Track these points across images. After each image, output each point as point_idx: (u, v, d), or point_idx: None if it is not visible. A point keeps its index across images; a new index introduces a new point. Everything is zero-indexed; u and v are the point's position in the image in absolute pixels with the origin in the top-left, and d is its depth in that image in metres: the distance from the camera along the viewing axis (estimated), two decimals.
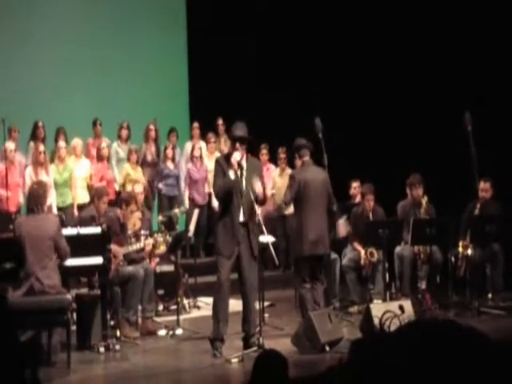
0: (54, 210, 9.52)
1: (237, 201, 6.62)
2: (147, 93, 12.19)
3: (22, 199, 9.34)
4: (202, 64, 12.46)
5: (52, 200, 9.49)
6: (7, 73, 11.18)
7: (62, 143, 9.93)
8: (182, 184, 10.86)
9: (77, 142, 10.04)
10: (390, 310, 6.73)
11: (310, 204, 7.35)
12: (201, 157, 10.76)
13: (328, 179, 7.53)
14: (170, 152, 10.62)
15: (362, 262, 8.56)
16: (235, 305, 6.98)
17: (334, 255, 8.42)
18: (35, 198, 6.49)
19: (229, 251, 6.61)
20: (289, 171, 10.61)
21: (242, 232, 6.61)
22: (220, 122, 11.09)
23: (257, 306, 7.04)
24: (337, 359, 6.03)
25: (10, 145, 9.45)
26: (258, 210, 7.03)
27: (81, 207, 9.64)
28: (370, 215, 8.76)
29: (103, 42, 12.10)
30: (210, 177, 9.29)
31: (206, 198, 10.78)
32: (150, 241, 7.81)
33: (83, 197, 9.91)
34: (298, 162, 8.09)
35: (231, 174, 6.62)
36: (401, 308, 6.90)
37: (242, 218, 6.62)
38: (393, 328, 6.52)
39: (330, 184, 7.55)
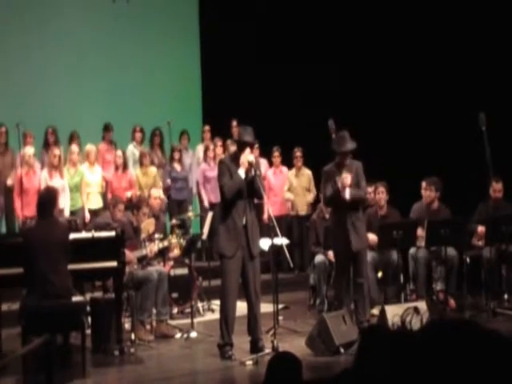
0: (67, 214, 9.57)
1: (242, 202, 6.62)
2: (160, 96, 12.25)
3: None
4: (214, 67, 12.49)
5: (66, 204, 9.53)
6: (22, 78, 11.25)
7: (74, 147, 9.96)
8: (194, 187, 10.86)
9: (91, 148, 10.06)
10: (410, 308, 6.72)
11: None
12: (214, 157, 10.77)
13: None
14: (177, 154, 10.58)
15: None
16: (242, 307, 6.96)
17: None
18: (44, 201, 6.51)
19: (231, 252, 6.59)
20: (306, 171, 10.63)
21: (244, 235, 6.61)
22: (234, 123, 11.09)
23: (269, 308, 7.04)
24: (351, 361, 6.07)
25: (29, 150, 9.50)
26: (270, 210, 7.04)
27: (94, 212, 9.67)
28: (384, 209, 8.72)
29: (117, 46, 12.17)
30: None
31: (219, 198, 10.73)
32: (165, 243, 7.82)
33: (97, 202, 9.93)
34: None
35: (241, 173, 6.62)
36: (416, 309, 6.87)
37: (244, 221, 6.61)
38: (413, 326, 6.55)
39: None
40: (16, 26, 11.29)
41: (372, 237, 8.32)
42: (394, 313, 6.85)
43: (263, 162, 10.77)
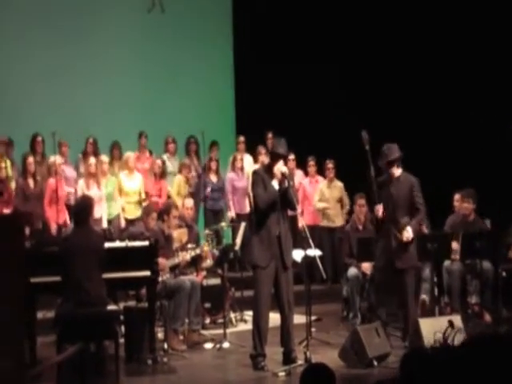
0: (105, 223, 9.64)
1: (276, 214, 6.62)
2: (193, 106, 12.30)
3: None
4: (248, 77, 12.53)
5: (103, 213, 9.61)
6: (59, 87, 11.39)
7: (104, 158, 10.05)
8: (228, 197, 10.90)
9: (128, 155, 10.13)
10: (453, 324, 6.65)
11: None
12: (242, 168, 10.79)
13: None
14: (213, 164, 10.60)
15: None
16: (274, 319, 6.94)
17: None
18: (81, 210, 6.57)
19: (265, 262, 6.59)
20: (337, 183, 10.60)
21: (277, 245, 6.60)
22: (269, 135, 11.09)
23: (301, 319, 7.02)
24: (384, 374, 6.03)
25: (58, 159, 9.59)
26: (303, 221, 7.02)
27: (130, 221, 9.73)
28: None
29: (151, 56, 12.26)
30: None
31: (246, 209, 10.74)
32: (197, 251, 7.86)
33: (135, 211, 9.91)
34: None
35: (275, 185, 6.62)
36: (450, 323, 6.79)
37: (277, 232, 6.61)
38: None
39: None
40: (54, 38, 11.42)
41: (367, 266, 8.30)
42: (428, 326, 6.77)
43: (298, 174, 10.79)
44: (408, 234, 7.16)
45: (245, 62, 12.68)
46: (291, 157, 10.11)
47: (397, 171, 7.40)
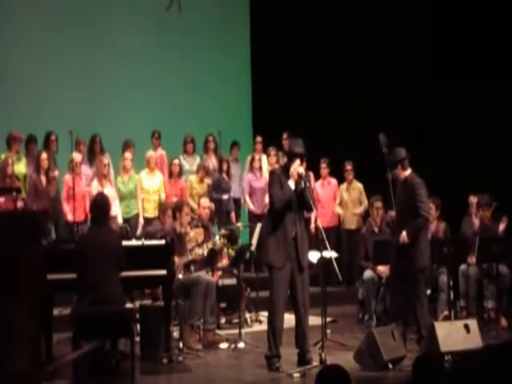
0: (120, 221, 9.68)
1: (292, 214, 6.61)
2: (211, 106, 12.32)
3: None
4: (265, 77, 12.54)
5: (117, 211, 9.64)
6: (75, 86, 11.46)
7: (127, 154, 10.09)
8: (245, 197, 10.89)
9: (150, 154, 10.17)
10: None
11: None
12: (260, 168, 10.78)
13: None
14: (224, 165, 10.55)
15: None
16: (290, 320, 6.94)
17: None
18: (99, 208, 6.57)
19: (281, 263, 6.58)
20: (357, 184, 10.57)
21: (293, 247, 6.59)
22: (285, 136, 11.09)
23: (317, 321, 7.01)
24: (399, 377, 6.01)
25: (77, 156, 9.64)
26: (319, 222, 7.01)
27: (148, 220, 9.76)
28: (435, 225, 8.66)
29: (168, 56, 12.30)
30: None
31: (264, 209, 10.73)
32: (209, 245, 7.88)
33: (153, 210, 9.89)
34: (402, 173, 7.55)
35: (291, 185, 6.62)
36: (466, 327, 6.76)
37: (293, 233, 6.60)
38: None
39: None
40: (68, 36, 11.51)
41: (383, 269, 8.27)
42: (443, 330, 6.74)
43: (332, 180, 10.78)
44: (402, 237, 7.15)
45: (263, 62, 12.69)
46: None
47: (403, 173, 7.38)
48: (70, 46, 11.49)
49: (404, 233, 7.20)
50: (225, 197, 10.52)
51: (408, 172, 7.42)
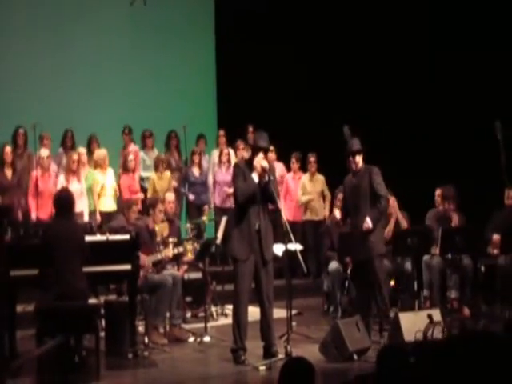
0: (86, 217, 9.59)
1: (256, 207, 6.63)
2: (175, 101, 12.29)
3: None
4: (229, 71, 12.52)
5: (84, 207, 9.56)
6: (40, 80, 11.38)
7: (81, 150, 9.98)
8: (210, 191, 10.88)
9: (101, 152, 10.00)
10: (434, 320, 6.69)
11: None
12: (228, 162, 10.76)
13: None
14: (196, 158, 10.57)
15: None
16: (255, 312, 6.96)
17: None
18: (62, 202, 6.53)
19: (244, 255, 6.59)
20: (319, 176, 10.61)
21: (257, 239, 6.61)
22: (250, 129, 11.10)
23: (282, 313, 7.04)
24: (364, 368, 6.07)
25: (44, 152, 9.53)
26: (284, 215, 7.02)
27: (107, 215, 9.70)
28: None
29: (132, 51, 12.27)
30: None
31: (230, 203, 10.72)
32: (180, 249, 7.85)
33: (110, 205, 9.90)
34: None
35: (255, 178, 6.64)
36: (430, 317, 6.84)
37: (257, 226, 6.62)
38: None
39: None
40: (33, 28, 11.43)
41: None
42: (407, 320, 6.81)
43: (279, 166, 10.76)
44: (367, 224, 7.19)
45: (227, 56, 12.67)
46: (271, 150, 10.10)
47: (358, 163, 7.41)
48: (32, 38, 11.45)
49: (368, 219, 7.20)
50: (196, 190, 10.52)
51: (362, 162, 7.45)
